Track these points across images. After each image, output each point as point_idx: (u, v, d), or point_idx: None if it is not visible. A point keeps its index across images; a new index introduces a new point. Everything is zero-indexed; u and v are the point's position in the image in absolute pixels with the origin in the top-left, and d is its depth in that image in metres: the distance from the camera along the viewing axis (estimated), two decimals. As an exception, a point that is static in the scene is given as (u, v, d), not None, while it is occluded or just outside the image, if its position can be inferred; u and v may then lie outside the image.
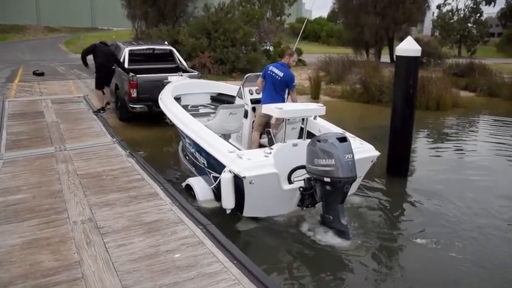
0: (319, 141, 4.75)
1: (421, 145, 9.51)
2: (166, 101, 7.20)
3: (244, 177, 4.64)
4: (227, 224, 5.03)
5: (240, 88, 6.84)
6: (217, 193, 5.35)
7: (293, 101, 6.42)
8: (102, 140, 6.90)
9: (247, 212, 5.03)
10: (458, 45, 38.86)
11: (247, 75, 6.83)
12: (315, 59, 20.71)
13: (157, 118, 9.37)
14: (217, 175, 5.22)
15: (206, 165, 5.68)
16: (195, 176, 6.24)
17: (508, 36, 37.49)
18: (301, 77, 16.96)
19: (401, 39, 8.53)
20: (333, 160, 4.57)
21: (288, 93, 6.41)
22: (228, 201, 4.92)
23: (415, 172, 7.26)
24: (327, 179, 4.64)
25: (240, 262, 3.31)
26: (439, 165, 7.83)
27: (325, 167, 4.63)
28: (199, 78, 10.12)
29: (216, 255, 3.44)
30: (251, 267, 3.23)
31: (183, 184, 5.94)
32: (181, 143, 7.62)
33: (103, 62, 9.60)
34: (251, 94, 6.70)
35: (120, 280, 3.08)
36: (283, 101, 6.20)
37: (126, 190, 4.84)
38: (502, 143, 9.89)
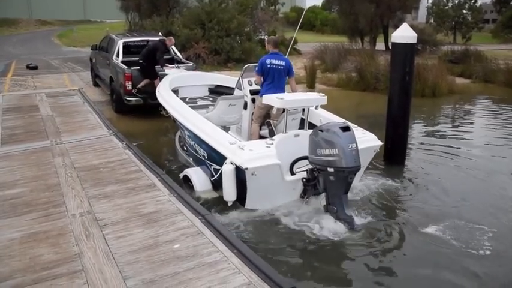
0: (321, 131, 4.66)
1: (417, 132, 9.52)
2: (164, 94, 7.09)
3: (247, 169, 4.58)
4: (226, 214, 5.04)
5: (238, 79, 6.73)
6: (217, 185, 5.29)
7: (293, 88, 6.34)
8: (98, 133, 6.86)
9: (249, 204, 5.00)
10: (453, 32, 38.80)
11: (246, 65, 6.70)
12: (310, 47, 20.66)
13: (153, 110, 9.37)
14: (218, 167, 5.17)
15: (206, 157, 5.61)
16: (193, 166, 6.23)
17: (503, 22, 37.41)
18: (297, 66, 16.83)
19: (396, 27, 8.52)
20: (336, 150, 4.49)
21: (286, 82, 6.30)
22: (230, 194, 4.87)
23: (412, 159, 7.29)
24: (330, 169, 4.57)
25: (240, 251, 3.31)
26: (436, 151, 7.85)
27: (328, 157, 4.55)
28: (194, 69, 10.07)
29: (216, 245, 3.44)
30: (251, 256, 3.23)
31: (181, 175, 5.92)
32: (178, 134, 7.58)
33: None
34: (250, 85, 6.58)
35: (120, 271, 3.08)
36: (283, 90, 6.10)
37: (123, 182, 4.81)
38: (499, 128, 9.95)
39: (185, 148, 6.82)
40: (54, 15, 47.89)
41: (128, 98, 9.49)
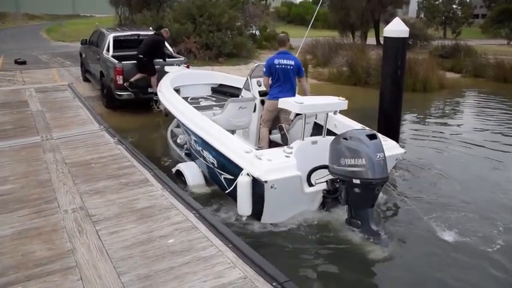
0: (345, 138, 4.31)
1: (409, 126, 9.59)
2: (167, 94, 6.73)
3: (266, 182, 4.21)
4: (219, 208, 5.03)
5: (247, 79, 6.40)
6: (232, 197, 4.89)
7: (304, 88, 6.09)
8: (89, 128, 6.78)
9: (265, 218, 4.61)
10: (444, 26, 39.07)
11: (256, 64, 6.38)
12: (301, 42, 20.63)
13: (144, 105, 9.31)
14: (229, 177, 4.87)
15: (216, 165, 5.21)
16: (185, 161, 6.19)
17: (492, 18, 37.72)
18: (288, 61, 16.81)
19: (387, 22, 8.55)
20: (363, 160, 4.15)
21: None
22: (245, 208, 4.48)
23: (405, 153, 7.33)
24: (356, 181, 4.21)
25: (235, 245, 3.30)
26: (428, 144, 7.98)
27: (353, 167, 4.20)
28: (185, 63, 10.01)
29: (210, 239, 3.43)
30: (246, 251, 3.23)
31: (173, 170, 5.90)
32: (169, 128, 7.52)
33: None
34: (259, 86, 6.23)
35: (114, 267, 3.05)
36: (295, 93, 5.83)
37: (116, 177, 4.77)
38: (489, 121, 10.14)
39: (179, 142, 6.72)
40: (42, 9, 47.27)
41: (119, 93, 9.41)
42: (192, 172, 5.67)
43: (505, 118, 10.56)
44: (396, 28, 6.59)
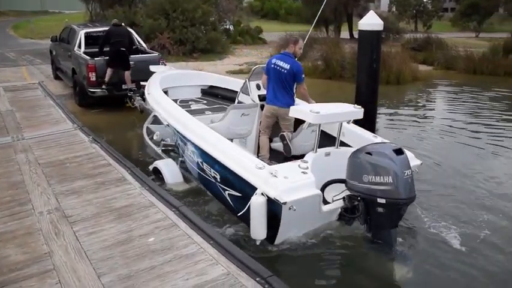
0: (369, 153, 3.96)
1: (385, 117, 9.73)
2: (158, 98, 6.22)
3: (285, 203, 3.72)
4: (199, 205, 4.99)
5: (245, 82, 6.07)
6: (243, 219, 4.34)
7: (303, 96, 5.74)
8: (62, 127, 6.61)
9: (279, 240, 4.13)
10: (415, 20, 39.79)
11: (254, 67, 6.12)
12: (275, 37, 20.65)
13: (118, 102, 9.14)
14: (234, 193, 4.43)
15: (219, 180, 4.69)
16: (162, 158, 6.10)
17: (461, 11, 38.60)
18: (263, 56, 17.02)
19: (360, 16, 8.63)
20: (390, 177, 3.79)
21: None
22: (260, 231, 3.97)
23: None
24: (381, 200, 3.85)
25: (216, 242, 3.28)
26: (405, 136, 8.11)
27: (379, 185, 3.84)
28: (160, 59, 9.86)
29: (191, 237, 3.39)
30: (228, 247, 3.21)
31: (150, 167, 5.80)
32: (145, 125, 7.35)
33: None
34: (259, 89, 5.88)
35: (94, 268, 2.98)
36: (292, 99, 5.52)
37: (92, 177, 4.66)
38: (462, 110, 10.50)
39: (155, 139, 6.59)
40: (8, 5, 45.67)
41: (92, 90, 9.21)
42: (169, 169, 5.58)
43: (476, 107, 10.90)
44: (370, 21, 6.66)
